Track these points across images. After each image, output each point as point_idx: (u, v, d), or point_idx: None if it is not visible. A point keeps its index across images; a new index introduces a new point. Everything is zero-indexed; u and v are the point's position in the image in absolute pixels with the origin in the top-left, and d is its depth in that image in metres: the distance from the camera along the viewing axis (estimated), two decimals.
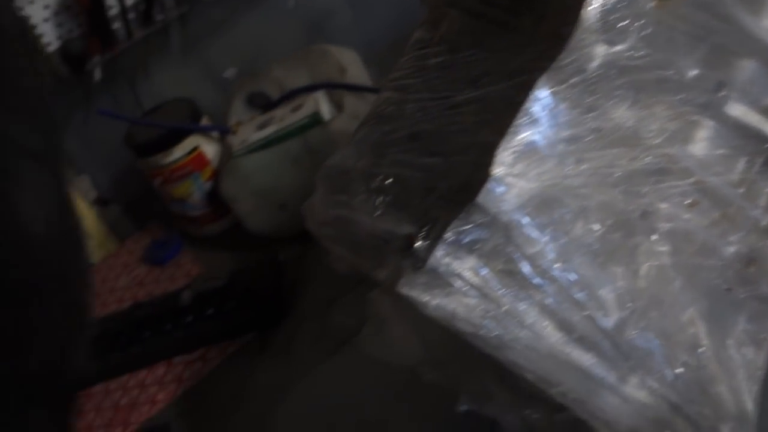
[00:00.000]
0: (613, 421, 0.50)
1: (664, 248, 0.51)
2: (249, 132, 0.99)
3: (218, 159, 1.08)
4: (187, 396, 0.89)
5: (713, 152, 0.52)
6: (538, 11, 0.49)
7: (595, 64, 0.45)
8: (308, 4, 1.39)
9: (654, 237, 0.50)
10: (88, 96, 1.20)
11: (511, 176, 0.44)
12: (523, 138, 0.45)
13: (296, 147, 0.95)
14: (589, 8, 0.44)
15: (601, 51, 0.45)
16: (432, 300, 0.45)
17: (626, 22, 0.46)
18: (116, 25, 1.16)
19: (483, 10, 0.52)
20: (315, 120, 0.94)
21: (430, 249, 0.44)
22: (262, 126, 0.99)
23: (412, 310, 0.47)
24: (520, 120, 0.44)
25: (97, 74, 1.17)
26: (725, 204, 0.52)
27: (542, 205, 0.45)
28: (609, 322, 0.49)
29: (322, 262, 0.60)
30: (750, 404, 0.53)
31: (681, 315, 0.53)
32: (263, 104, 1.07)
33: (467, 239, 0.44)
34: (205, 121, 1.11)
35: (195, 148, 1.07)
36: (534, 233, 0.45)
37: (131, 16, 1.17)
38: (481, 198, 0.44)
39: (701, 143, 0.51)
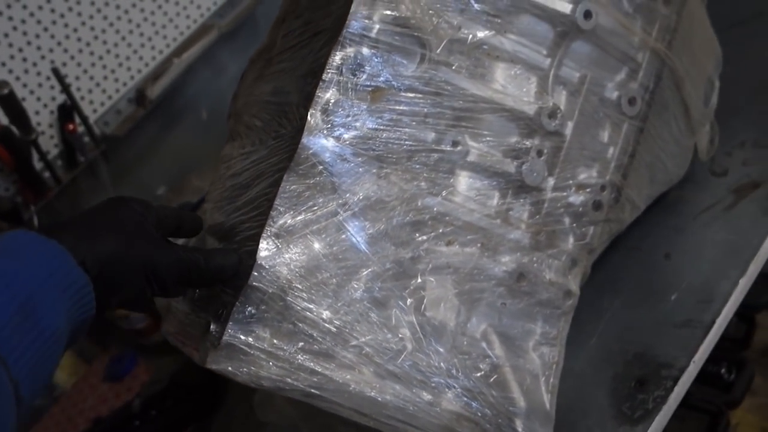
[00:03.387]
0: None
1: (438, 282, 0.61)
2: None
3: None
4: None
5: (468, 194, 0.63)
6: (296, 123, 0.60)
7: (328, 155, 0.57)
8: (221, 110, 1.53)
9: (426, 275, 0.60)
10: None
11: (276, 256, 0.55)
12: (281, 224, 0.56)
13: None
14: (310, 115, 0.56)
15: (329, 144, 0.57)
16: (237, 369, 0.55)
17: (348, 118, 0.57)
18: (45, 174, 1.29)
19: (262, 119, 0.64)
20: None
21: (222, 329, 0.54)
22: None
23: None
24: (273, 212, 0.55)
25: (35, 221, 1.30)
26: (483, 235, 0.62)
27: (308, 273, 0.56)
28: (405, 354, 0.59)
29: None
30: (545, 397, 0.62)
31: (474, 332, 0.63)
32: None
33: (251, 314, 0.55)
34: None
35: None
36: (306, 297, 0.55)
37: (58, 163, 1.31)
38: (254, 280, 0.54)
39: (454, 190, 0.62)
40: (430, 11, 0.58)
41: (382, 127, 0.58)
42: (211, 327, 0.55)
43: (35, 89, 1.29)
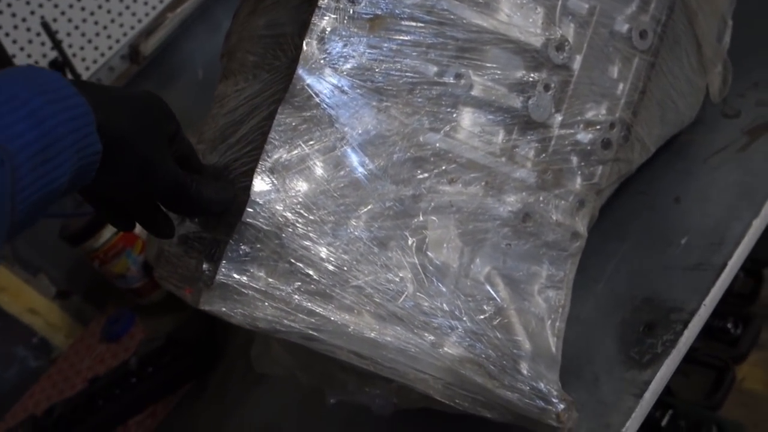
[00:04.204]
0: (431, 379, 0.57)
1: (441, 222, 0.58)
2: None
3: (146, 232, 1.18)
4: None
5: (472, 130, 0.60)
6: (291, 53, 0.57)
7: (325, 86, 0.54)
8: (217, 68, 1.50)
9: (428, 214, 0.58)
10: None
11: (271, 192, 0.52)
12: (276, 159, 0.53)
13: None
14: (305, 44, 0.53)
15: (328, 74, 0.54)
16: (232, 310, 0.53)
17: (345, 48, 0.54)
18: None
19: (256, 53, 0.61)
20: None
21: (215, 268, 0.52)
22: None
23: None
24: (268, 145, 0.53)
25: None
26: (487, 174, 0.60)
27: (304, 209, 0.53)
28: (406, 295, 0.57)
29: None
30: (551, 340, 0.60)
31: (478, 275, 0.60)
32: None
33: (245, 253, 0.52)
34: None
35: None
36: (303, 234, 0.53)
37: None
38: (248, 216, 0.52)
39: (457, 126, 0.59)
40: None
41: (381, 58, 0.56)
42: (204, 266, 0.53)
43: (25, 45, 1.26)
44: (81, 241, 1.16)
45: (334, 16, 0.54)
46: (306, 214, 0.53)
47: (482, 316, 0.59)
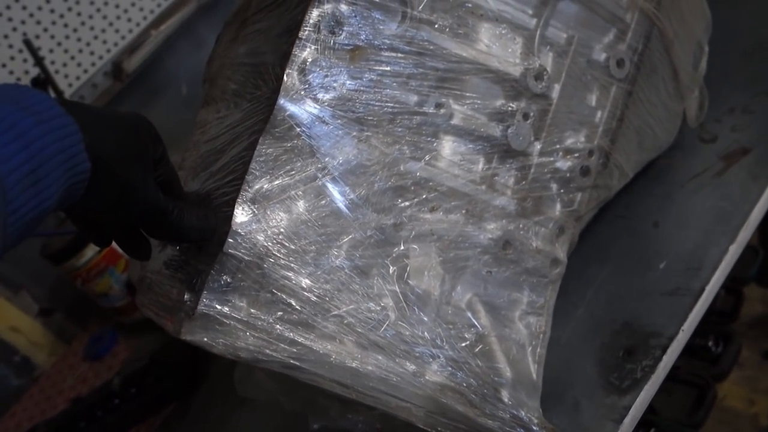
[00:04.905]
0: (413, 407, 0.57)
1: (422, 250, 0.59)
2: None
3: None
4: None
5: (452, 159, 0.61)
6: (272, 83, 0.58)
7: (306, 116, 0.54)
8: (200, 86, 1.50)
9: (409, 242, 0.58)
10: None
11: (253, 223, 0.53)
12: (257, 189, 0.53)
13: None
14: (286, 75, 0.53)
15: (309, 104, 0.54)
16: (213, 340, 0.53)
17: (326, 78, 0.54)
18: None
19: (237, 81, 0.61)
20: None
21: (197, 298, 0.52)
22: None
23: None
24: (249, 176, 0.53)
25: None
26: (467, 201, 0.60)
27: (286, 239, 0.53)
28: (388, 324, 0.57)
29: None
30: (532, 367, 0.61)
31: (459, 302, 0.61)
32: None
33: (226, 283, 0.52)
34: None
35: None
36: (284, 264, 0.53)
37: None
38: (229, 247, 0.52)
39: (437, 155, 0.60)
40: None
41: (362, 88, 0.56)
42: (185, 296, 0.53)
43: (7, 62, 1.26)
44: (63, 260, 1.15)
45: (315, 47, 0.54)
46: (287, 244, 0.54)
47: (463, 344, 0.59)
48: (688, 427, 1.02)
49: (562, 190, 0.64)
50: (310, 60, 0.54)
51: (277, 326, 0.53)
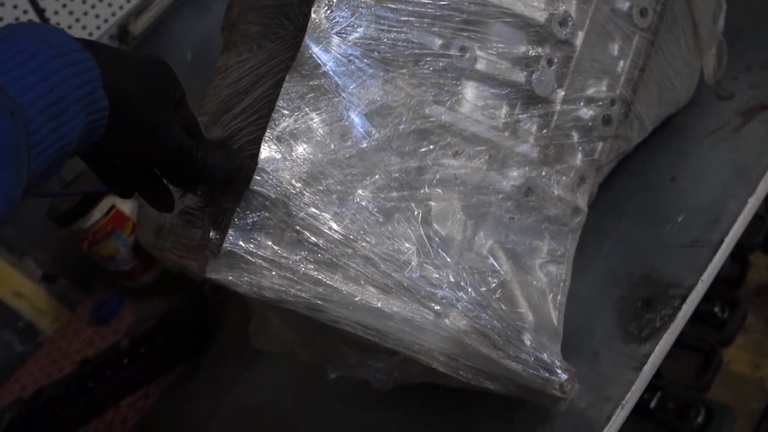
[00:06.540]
0: (435, 350, 0.57)
1: (445, 194, 0.59)
2: None
3: (136, 213, 1.17)
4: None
5: (476, 104, 0.60)
6: (297, 22, 0.57)
7: (332, 55, 0.54)
8: (205, 51, 1.49)
9: (433, 187, 0.58)
10: None
11: (279, 161, 0.52)
12: (284, 127, 0.53)
13: None
14: (313, 12, 0.53)
15: (336, 43, 0.54)
16: (238, 279, 0.53)
17: (352, 17, 0.54)
18: None
19: (260, 24, 0.61)
20: None
21: (222, 236, 0.52)
22: None
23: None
24: (276, 113, 0.52)
25: None
26: (490, 147, 0.60)
27: (311, 179, 0.53)
28: (412, 266, 0.57)
29: None
30: (553, 313, 0.61)
31: (481, 248, 0.61)
32: None
33: (253, 221, 0.52)
34: None
35: (112, 207, 1.15)
36: (310, 203, 0.53)
37: None
38: (255, 184, 0.52)
39: (461, 99, 0.59)
40: None
41: (388, 29, 0.55)
42: (211, 234, 0.52)
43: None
44: (70, 221, 1.14)
45: None
46: (313, 183, 0.53)
47: (486, 288, 0.59)
48: (694, 390, 1.03)
49: (583, 139, 0.64)
50: None
51: (302, 266, 0.53)
